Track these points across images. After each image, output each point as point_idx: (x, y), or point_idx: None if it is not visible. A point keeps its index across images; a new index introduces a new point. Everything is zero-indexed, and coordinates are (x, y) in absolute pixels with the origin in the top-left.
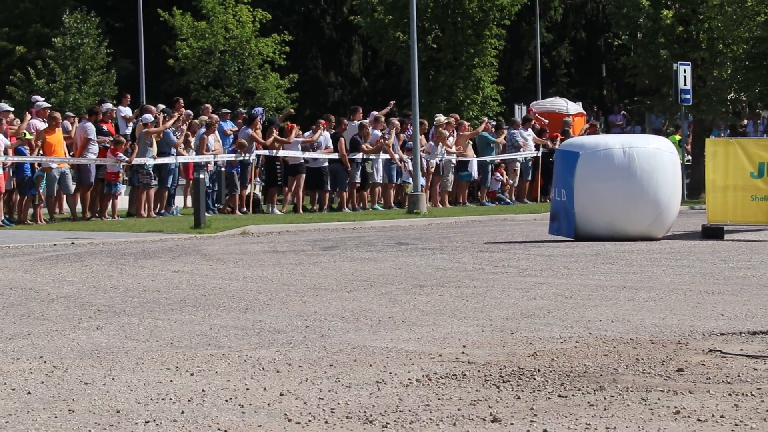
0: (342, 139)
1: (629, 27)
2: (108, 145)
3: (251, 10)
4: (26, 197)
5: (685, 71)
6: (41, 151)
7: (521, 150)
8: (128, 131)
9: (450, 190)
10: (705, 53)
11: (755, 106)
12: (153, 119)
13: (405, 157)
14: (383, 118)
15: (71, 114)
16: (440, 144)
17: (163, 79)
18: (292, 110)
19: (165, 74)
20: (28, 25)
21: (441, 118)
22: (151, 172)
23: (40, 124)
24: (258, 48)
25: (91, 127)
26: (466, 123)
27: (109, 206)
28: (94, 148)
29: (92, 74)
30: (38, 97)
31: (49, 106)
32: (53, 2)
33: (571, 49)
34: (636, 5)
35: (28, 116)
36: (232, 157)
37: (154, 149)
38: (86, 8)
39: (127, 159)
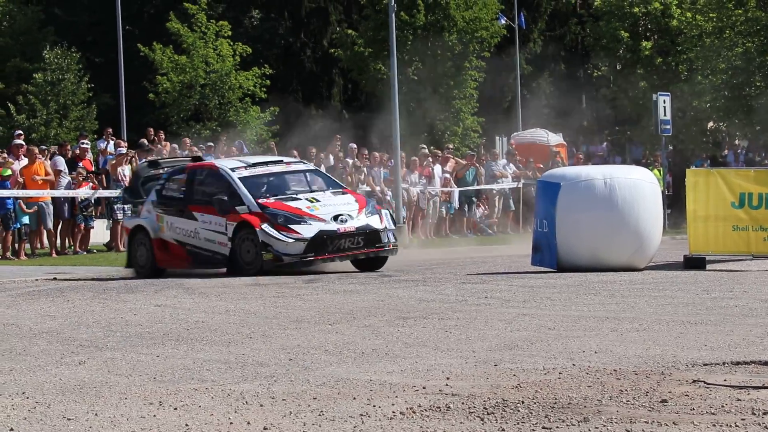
0: None
1: (609, 58)
2: (81, 179)
3: (231, 44)
4: (9, 232)
5: (664, 102)
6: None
7: (498, 181)
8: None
9: (432, 221)
10: (684, 84)
11: (735, 136)
12: (123, 152)
13: (386, 189)
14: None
15: (45, 148)
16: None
17: (144, 113)
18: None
19: (146, 108)
20: (7, 60)
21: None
22: (123, 206)
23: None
24: (239, 81)
25: (61, 159)
26: (452, 159)
27: (81, 239)
28: (65, 181)
29: (73, 109)
30: (20, 132)
31: (22, 143)
32: (33, 38)
33: (552, 81)
34: (615, 37)
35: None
36: None
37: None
38: (67, 43)
39: (87, 193)
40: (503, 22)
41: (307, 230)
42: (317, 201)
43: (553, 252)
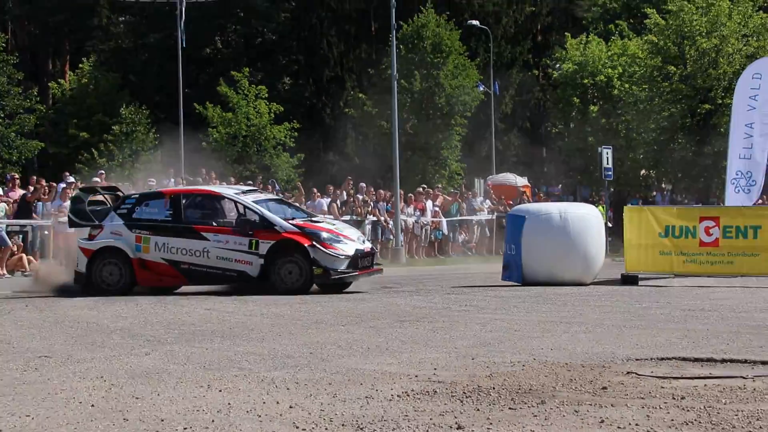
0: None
1: (564, 119)
2: None
3: (267, 104)
4: None
5: (607, 153)
6: None
7: (476, 213)
8: None
9: (424, 245)
10: (622, 140)
11: (662, 181)
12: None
13: (388, 219)
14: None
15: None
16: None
17: (198, 158)
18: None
19: (200, 153)
20: (92, 115)
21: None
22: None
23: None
24: (272, 133)
25: None
26: (441, 196)
27: None
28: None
29: (143, 154)
30: (102, 172)
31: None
32: (113, 98)
33: (519, 135)
34: (569, 102)
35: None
36: None
37: None
38: (138, 103)
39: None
40: (482, 89)
41: (347, 248)
42: (335, 224)
43: (519, 270)
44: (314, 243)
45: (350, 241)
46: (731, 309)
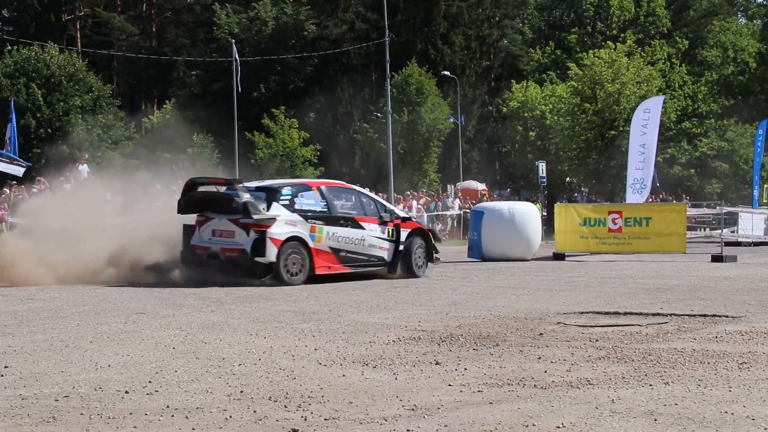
0: None
1: (511, 141)
2: None
3: (298, 132)
4: None
5: (542, 166)
6: None
7: (449, 210)
8: None
9: None
10: (553, 156)
11: (581, 185)
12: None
13: None
14: None
15: None
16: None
17: (249, 172)
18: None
19: (250, 168)
20: (172, 141)
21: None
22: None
23: None
24: (301, 153)
25: None
26: (424, 197)
27: None
28: None
29: (209, 169)
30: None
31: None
32: (188, 129)
33: (479, 153)
34: (515, 130)
35: None
36: None
37: None
38: (206, 132)
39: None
40: (452, 120)
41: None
42: None
43: (479, 250)
44: (430, 230)
45: None
46: (630, 277)
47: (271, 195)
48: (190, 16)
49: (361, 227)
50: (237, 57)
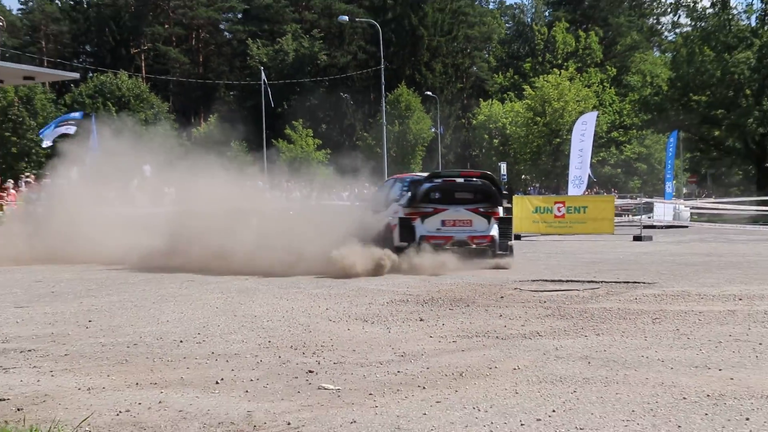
0: None
1: (479, 147)
2: None
3: (313, 139)
4: None
5: (503, 166)
6: None
7: None
8: None
9: None
10: (512, 159)
11: (534, 181)
12: None
13: None
14: None
15: None
16: None
17: (276, 171)
18: None
19: (277, 168)
20: (217, 147)
21: None
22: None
23: None
24: (315, 156)
25: None
26: None
27: None
28: None
29: (245, 169)
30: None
31: None
32: (227, 138)
33: (455, 156)
34: (482, 136)
35: None
36: None
37: None
38: (241, 139)
39: None
40: (433, 131)
41: None
42: None
43: None
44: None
45: None
46: (571, 253)
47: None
48: (229, 48)
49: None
50: (265, 80)
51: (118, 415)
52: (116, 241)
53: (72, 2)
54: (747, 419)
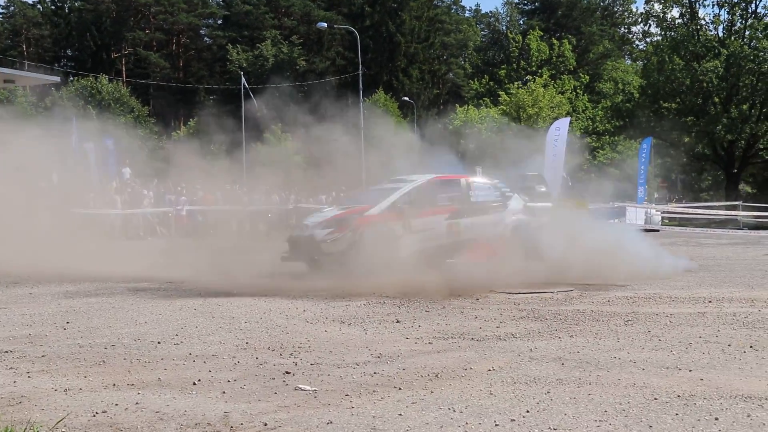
0: None
1: (457, 151)
2: None
3: (291, 142)
4: None
5: (479, 170)
6: None
7: None
8: None
9: None
10: (489, 161)
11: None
12: None
13: None
14: None
15: None
16: None
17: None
18: None
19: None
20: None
21: None
22: None
23: None
24: (295, 160)
25: None
26: None
27: None
28: None
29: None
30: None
31: None
32: (208, 141)
33: (440, 158)
34: (458, 141)
35: None
36: None
37: None
38: (219, 143)
39: None
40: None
41: None
42: None
43: None
44: None
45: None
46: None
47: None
48: (209, 53)
49: None
50: (246, 85)
51: (94, 416)
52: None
53: (53, 7)
54: (716, 419)
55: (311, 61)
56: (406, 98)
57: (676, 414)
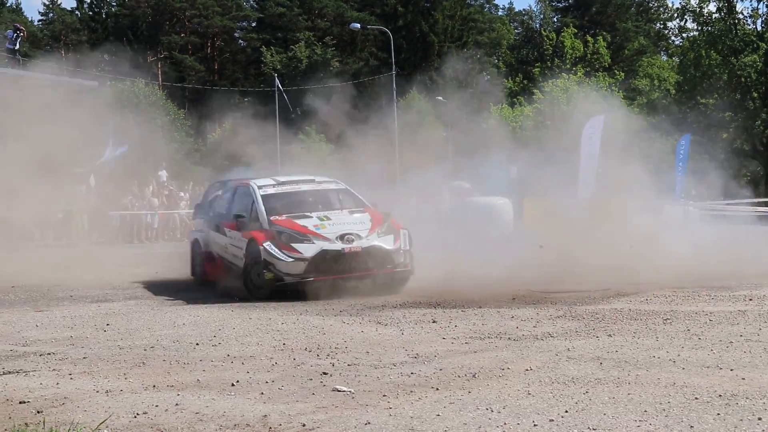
0: None
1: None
2: None
3: (326, 144)
4: None
5: (513, 169)
6: None
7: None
8: None
9: None
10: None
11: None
12: None
13: None
14: None
15: None
16: None
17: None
18: None
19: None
20: (232, 152)
21: None
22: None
23: None
24: (329, 161)
25: None
26: None
27: None
28: None
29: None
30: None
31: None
32: (242, 143)
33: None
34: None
35: None
36: None
37: None
38: (256, 145)
39: None
40: (445, 134)
41: (309, 249)
42: (328, 219)
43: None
44: (268, 243)
45: (322, 240)
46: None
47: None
48: (244, 56)
49: (225, 234)
50: (280, 86)
51: (135, 417)
52: None
53: (91, 13)
54: (759, 419)
55: (345, 62)
56: (440, 98)
57: (718, 414)
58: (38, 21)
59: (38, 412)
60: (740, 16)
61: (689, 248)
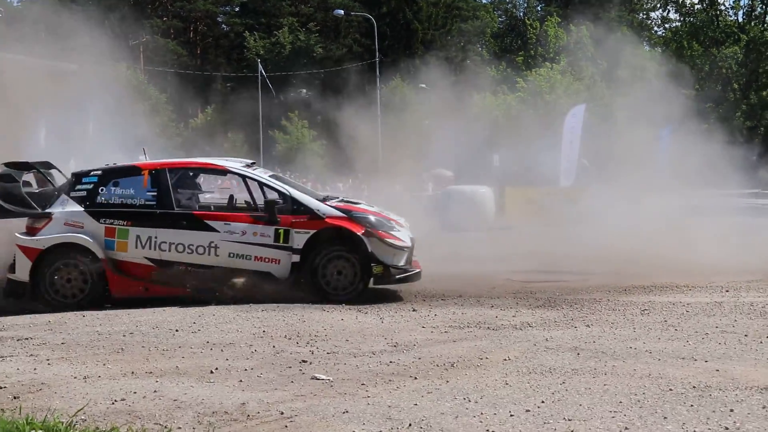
0: None
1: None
2: None
3: (308, 130)
4: None
5: (496, 157)
6: None
7: (424, 191)
8: None
9: None
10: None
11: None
12: None
13: None
14: None
15: None
16: None
17: (272, 163)
18: None
19: (272, 160)
20: (214, 138)
21: None
22: None
23: None
24: (310, 147)
25: None
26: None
27: None
28: None
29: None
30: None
31: None
32: (224, 130)
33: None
34: (474, 130)
35: None
36: None
37: None
38: (237, 130)
39: None
40: (427, 122)
41: (405, 237)
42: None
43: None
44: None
45: (403, 229)
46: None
47: (62, 185)
48: (226, 41)
49: (210, 228)
50: (263, 72)
51: (113, 404)
52: None
53: None
54: (731, 411)
55: (328, 48)
56: (423, 85)
57: (691, 405)
58: (17, 2)
59: (15, 398)
60: (722, 7)
61: (672, 240)
